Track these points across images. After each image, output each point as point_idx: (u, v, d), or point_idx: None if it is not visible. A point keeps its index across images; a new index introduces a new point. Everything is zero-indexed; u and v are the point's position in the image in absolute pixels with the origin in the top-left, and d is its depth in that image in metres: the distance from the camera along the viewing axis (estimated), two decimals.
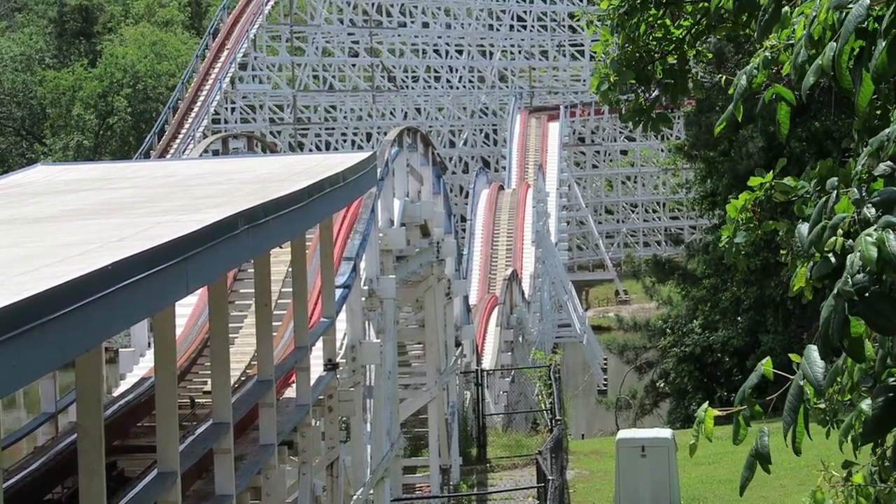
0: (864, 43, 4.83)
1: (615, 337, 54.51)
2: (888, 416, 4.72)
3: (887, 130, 4.85)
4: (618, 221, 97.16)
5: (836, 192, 5.01)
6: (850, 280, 4.53)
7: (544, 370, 40.53)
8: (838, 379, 5.36)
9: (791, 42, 6.13)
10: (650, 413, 45.41)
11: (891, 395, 4.71)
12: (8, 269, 7.11)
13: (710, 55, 12.91)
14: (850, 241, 4.73)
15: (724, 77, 8.96)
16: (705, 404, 5.39)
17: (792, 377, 4.94)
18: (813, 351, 4.81)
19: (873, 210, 4.75)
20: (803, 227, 5.08)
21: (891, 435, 4.99)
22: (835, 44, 4.96)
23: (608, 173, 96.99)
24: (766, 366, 5.10)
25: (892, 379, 4.74)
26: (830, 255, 4.81)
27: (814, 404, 6.33)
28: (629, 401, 46.52)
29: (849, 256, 4.59)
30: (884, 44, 4.70)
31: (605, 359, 63.99)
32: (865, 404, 5.03)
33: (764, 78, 6.11)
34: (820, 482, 6.82)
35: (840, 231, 4.79)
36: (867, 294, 4.52)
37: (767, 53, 6.23)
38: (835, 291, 4.62)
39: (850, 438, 5.71)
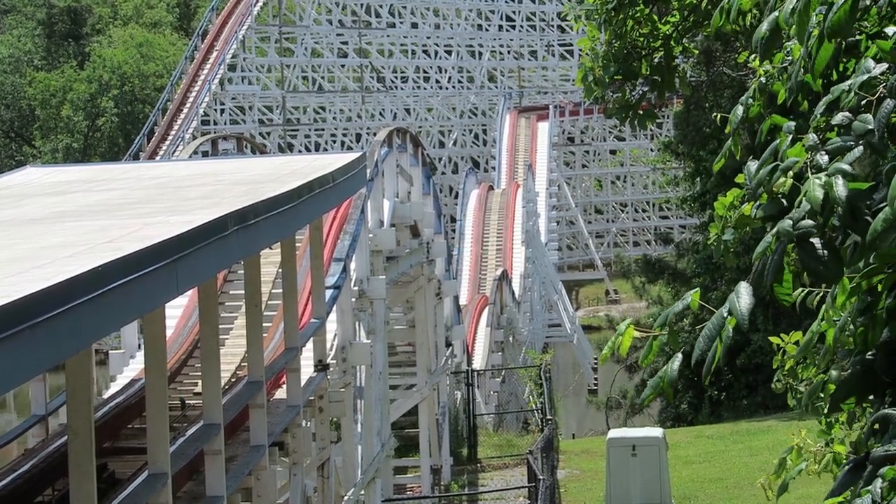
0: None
1: (605, 336, 54.59)
2: (859, 384, 4.74)
3: (848, 82, 4.84)
4: (607, 221, 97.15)
5: (791, 136, 5.01)
6: (790, 222, 4.53)
7: (535, 370, 40.54)
8: (810, 357, 5.36)
9: (786, 66, 6.11)
10: (640, 412, 45.42)
11: (865, 366, 4.73)
12: None
13: (697, 51, 12.93)
14: (800, 184, 4.73)
15: (721, 72, 8.95)
16: (628, 320, 5.39)
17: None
18: (743, 286, 4.83)
19: (826, 157, 4.75)
20: (753, 165, 5.07)
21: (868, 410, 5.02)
22: (795, 1, 4.95)
23: (598, 173, 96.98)
24: (693, 296, 5.14)
25: (869, 353, 4.76)
26: (781, 196, 4.80)
27: (794, 385, 6.34)
28: (619, 400, 46.56)
29: (797, 200, 4.59)
30: (842, 0, 4.68)
31: (596, 358, 63.98)
32: (835, 371, 5.06)
33: (759, 109, 6.07)
34: (793, 444, 6.88)
35: (791, 173, 4.78)
36: (810, 240, 4.53)
37: (763, 79, 6.19)
38: (774, 230, 4.61)
39: (822, 407, 5.74)
